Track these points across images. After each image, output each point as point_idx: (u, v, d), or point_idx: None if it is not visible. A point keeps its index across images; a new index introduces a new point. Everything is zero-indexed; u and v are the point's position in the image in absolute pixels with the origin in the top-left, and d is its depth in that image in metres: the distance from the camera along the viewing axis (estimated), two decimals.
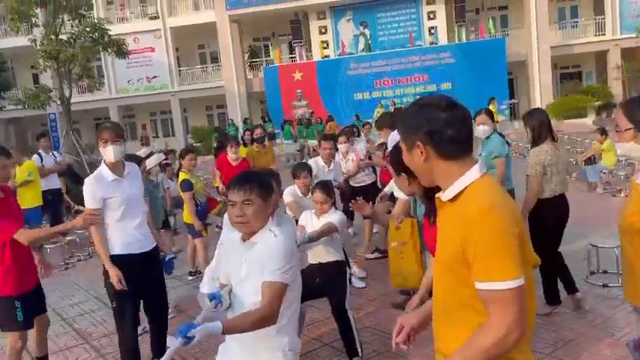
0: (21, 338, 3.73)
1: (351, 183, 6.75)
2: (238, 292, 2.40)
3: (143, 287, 3.80)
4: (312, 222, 4.02)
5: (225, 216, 3.35)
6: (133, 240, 3.76)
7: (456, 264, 1.59)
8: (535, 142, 4.50)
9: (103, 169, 3.70)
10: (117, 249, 3.71)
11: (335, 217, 3.99)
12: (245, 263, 2.38)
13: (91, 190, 3.62)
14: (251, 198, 2.35)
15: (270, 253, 2.31)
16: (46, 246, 7.72)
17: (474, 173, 1.63)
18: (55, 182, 9.18)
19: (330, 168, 6.03)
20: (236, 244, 2.48)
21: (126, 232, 3.72)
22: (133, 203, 3.76)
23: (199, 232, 5.99)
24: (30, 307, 3.70)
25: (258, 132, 7.47)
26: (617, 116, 2.68)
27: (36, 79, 28.25)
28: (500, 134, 5.49)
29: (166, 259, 4.22)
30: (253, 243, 2.39)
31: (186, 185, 5.85)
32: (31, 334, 3.93)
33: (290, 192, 4.91)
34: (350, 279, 4.16)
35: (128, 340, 3.82)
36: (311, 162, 5.86)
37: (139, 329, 4.60)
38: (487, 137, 5.16)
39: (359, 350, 3.86)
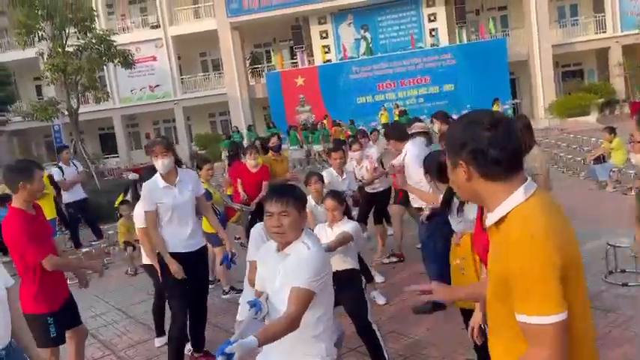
0: (53, 354, 3.78)
1: (366, 189, 6.80)
2: (273, 301, 2.49)
3: (189, 281, 4.25)
4: (326, 234, 4.03)
5: (259, 227, 3.37)
6: (179, 241, 4.23)
7: (500, 288, 1.54)
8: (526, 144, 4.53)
9: (157, 177, 4.22)
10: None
11: (349, 226, 4.02)
12: (279, 274, 2.48)
13: (146, 195, 4.19)
14: (288, 209, 2.45)
15: (300, 264, 2.40)
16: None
17: (519, 196, 1.54)
18: (79, 193, 9.16)
19: (344, 177, 5.99)
20: (271, 253, 2.58)
21: (173, 233, 4.21)
22: (181, 209, 4.24)
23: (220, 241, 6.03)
24: (62, 322, 3.76)
25: (274, 140, 7.47)
26: (635, 129, 2.71)
27: (39, 90, 28.39)
28: None
29: (228, 255, 4.50)
30: (287, 254, 2.49)
31: (206, 195, 5.89)
32: (68, 346, 3.97)
33: None
34: (365, 287, 4.16)
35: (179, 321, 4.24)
36: (324, 173, 5.85)
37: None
38: None
39: (386, 358, 3.88)
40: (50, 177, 8.67)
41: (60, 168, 8.90)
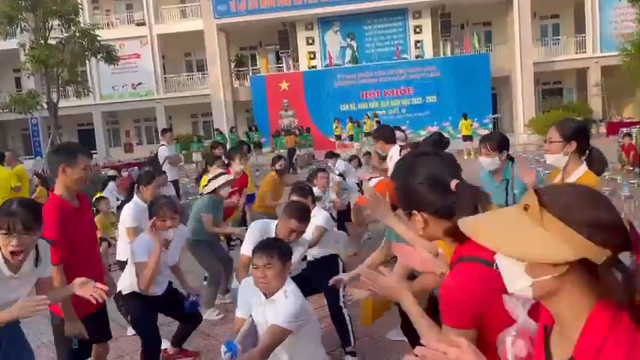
0: None
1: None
2: (262, 332, 2.91)
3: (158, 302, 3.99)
4: None
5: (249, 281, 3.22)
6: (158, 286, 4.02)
7: None
8: None
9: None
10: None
11: (320, 218, 4.48)
12: (265, 317, 2.87)
13: (146, 244, 3.75)
14: (272, 262, 2.81)
15: (280, 309, 2.79)
16: None
17: None
18: (176, 173, 10.29)
19: (325, 195, 6.73)
20: (260, 296, 2.94)
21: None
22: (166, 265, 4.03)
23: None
24: (88, 332, 3.22)
25: (281, 163, 7.09)
26: (553, 130, 3.09)
27: (18, 83, 27.90)
28: None
29: (192, 301, 4.13)
30: (273, 300, 2.86)
31: None
32: None
33: None
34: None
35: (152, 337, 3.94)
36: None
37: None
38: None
39: (352, 340, 4.18)
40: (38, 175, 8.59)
41: (166, 146, 9.95)
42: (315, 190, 6.36)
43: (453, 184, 1.62)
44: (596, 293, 1.06)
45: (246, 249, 3.59)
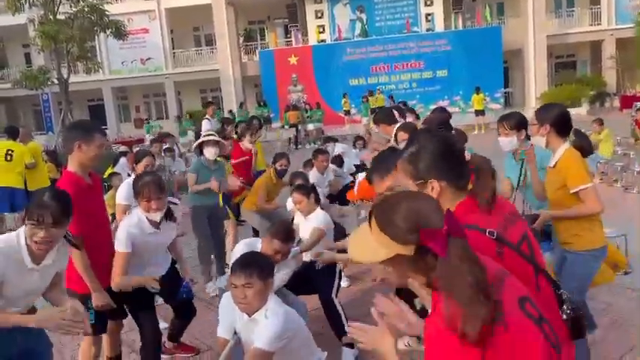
0: (94, 343, 3.42)
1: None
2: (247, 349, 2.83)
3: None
4: (303, 224, 4.35)
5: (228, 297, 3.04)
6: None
7: None
8: None
9: (143, 220, 3.42)
10: None
11: (320, 219, 4.26)
12: (250, 336, 2.79)
13: (127, 233, 3.37)
14: (252, 281, 2.67)
15: (261, 331, 2.70)
16: None
17: None
18: None
19: (324, 176, 6.64)
20: (243, 314, 2.81)
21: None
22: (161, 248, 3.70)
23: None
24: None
25: (283, 162, 6.16)
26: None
27: (28, 58, 27.91)
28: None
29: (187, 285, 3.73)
30: (255, 320, 2.75)
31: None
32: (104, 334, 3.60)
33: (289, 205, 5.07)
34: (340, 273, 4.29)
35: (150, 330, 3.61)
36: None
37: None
38: None
39: (346, 330, 4.01)
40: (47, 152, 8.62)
41: (208, 120, 9.99)
42: (314, 172, 6.39)
43: (468, 155, 1.72)
44: (422, 269, 1.38)
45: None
